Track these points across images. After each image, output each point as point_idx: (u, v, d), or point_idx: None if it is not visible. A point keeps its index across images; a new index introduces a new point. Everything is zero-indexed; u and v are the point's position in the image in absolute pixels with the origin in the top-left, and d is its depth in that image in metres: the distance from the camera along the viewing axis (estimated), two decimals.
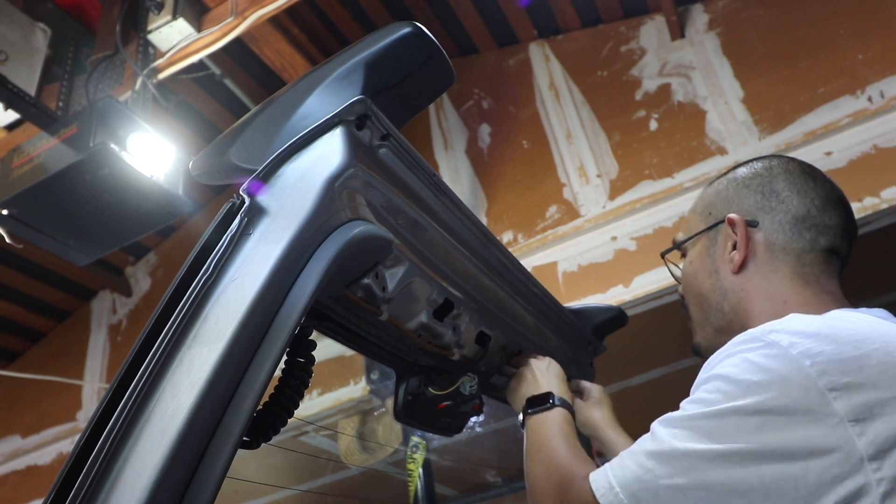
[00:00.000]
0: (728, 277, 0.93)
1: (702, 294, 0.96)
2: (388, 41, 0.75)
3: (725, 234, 0.94)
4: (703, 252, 0.97)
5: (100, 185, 2.29)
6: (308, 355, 0.76)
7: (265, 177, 0.69)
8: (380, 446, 3.47)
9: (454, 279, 0.97)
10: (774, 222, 0.91)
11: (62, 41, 2.81)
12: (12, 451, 4.20)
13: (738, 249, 0.91)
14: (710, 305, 0.95)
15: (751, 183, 0.95)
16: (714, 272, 0.95)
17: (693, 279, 0.98)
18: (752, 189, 0.94)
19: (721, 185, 0.99)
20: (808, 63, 2.99)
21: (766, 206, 0.92)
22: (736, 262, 0.91)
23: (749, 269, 0.91)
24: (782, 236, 0.90)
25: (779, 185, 0.93)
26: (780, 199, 0.92)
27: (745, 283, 0.91)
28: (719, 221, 0.95)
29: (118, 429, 0.53)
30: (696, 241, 0.99)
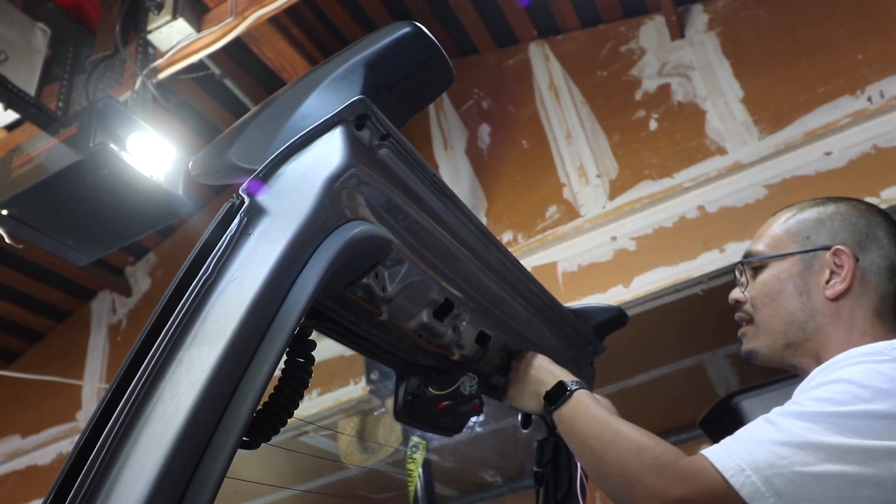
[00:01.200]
0: (820, 301, 1.01)
1: (787, 309, 1.04)
2: (387, 41, 0.75)
3: (825, 261, 1.02)
4: (796, 272, 1.04)
5: (100, 186, 2.29)
6: (308, 355, 0.76)
7: (265, 177, 0.69)
8: (380, 446, 3.47)
9: (454, 279, 0.97)
10: (873, 264, 1.01)
11: (62, 41, 2.81)
12: (12, 451, 4.20)
13: (841, 279, 1.00)
14: (793, 321, 1.03)
15: (857, 222, 1.04)
16: (805, 293, 1.03)
17: (779, 294, 1.05)
18: (858, 228, 1.04)
19: (822, 215, 1.07)
20: (807, 63, 2.99)
21: (868, 246, 1.02)
22: (837, 291, 1.00)
23: (842, 299, 1.01)
24: (876, 277, 1.01)
25: (880, 231, 1.04)
26: (881, 245, 1.02)
27: (835, 310, 1.01)
28: (820, 248, 1.03)
29: (118, 429, 0.53)
30: (784, 259, 1.06)
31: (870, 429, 0.78)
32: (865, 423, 0.78)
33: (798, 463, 0.78)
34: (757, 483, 0.78)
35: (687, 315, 2.97)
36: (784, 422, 0.82)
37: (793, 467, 0.78)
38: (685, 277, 2.85)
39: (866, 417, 0.79)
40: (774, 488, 0.77)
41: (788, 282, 1.04)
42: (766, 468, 0.78)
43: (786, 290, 1.04)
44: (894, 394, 0.80)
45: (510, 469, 4.34)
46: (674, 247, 2.95)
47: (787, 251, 1.06)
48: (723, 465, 0.81)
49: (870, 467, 0.76)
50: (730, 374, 4.30)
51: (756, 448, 0.81)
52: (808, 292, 1.03)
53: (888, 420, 0.78)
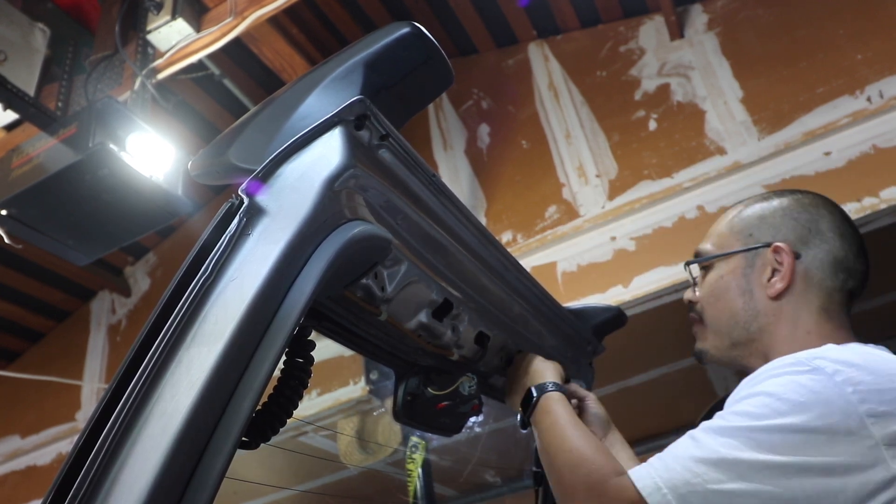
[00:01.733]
0: (762, 301, 0.99)
1: (731, 310, 1.02)
2: (387, 41, 0.75)
3: (766, 259, 1.00)
4: (738, 271, 1.02)
5: (99, 186, 2.28)
6: (307, 355, 0.76)
7: (264, 177, 0.69)
8: (379, 446, 3.47)
9: (453, 279, 0.97)
10: (816, 259, 0.98)
11: (61, 41, 2.81)
12: (11, 452, 4.20)
13: (780, 278, 0.98)
14: (736, 322, 1.01)
15: (799, 216, 1.01)
16: (748, 292, 1.00)
17: (723, 293, 1.03)
18: (800, 223, 1.00)
19: (765, 211, 1.04)
20: (807, 63, 2.99)
21: (811, 241, 0.99)
22: (777, 290, 0.97)
23: (784, 297, 0.98)
24: (820, 273, 0.98)
25: (823, 224, 1.00)
26: (824, 239, 0.99)
27: (777, 309, 0.98)
28: (761, 245, 1.01)
29: (117, 429, 0.53)
30: (728, 258, 1.04)
31: (784, 444, 0.76)
32: (780, 438, 0.77)
33: (712, 480, 0.77)
34: (672, 502, 0.78)
35: (686, 315, 2.97)
36: (704, 438, 0.82)
37: (707, 485, 0.77)
38: (685, 278, 2.83)
39: (781, 431, 0.77)
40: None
41: (731, 281, 1.03)
42: (682, 486, 0.78)
43: (729, 290, 1.03)
44: (811, 407, 0.77)
45: (510, 469, 4.34)
46: (673, 247, 2.95)
47: (730, 249, 1.04)
48: (641, 484, 0.81)
49: (781, 484, 0.75)
50: (729, 374, 4.29)
51: (674, 465, 0.81)
52: (751, 291, 1.00)
53: (803, 434, 0.76)
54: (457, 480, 4.52)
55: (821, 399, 0.78)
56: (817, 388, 0.79)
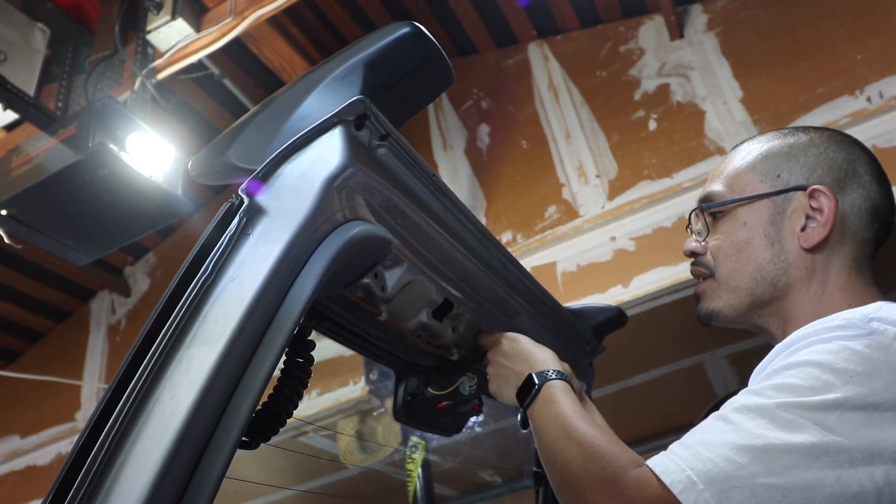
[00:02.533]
0: (794, 251, 0.86)
1: (754, 262, 0.88)
2: (387, 41, 0.75)
3: (798, 203, 0.86)
4: (766, 217, 0.88)
5: (99, 186, 2.29)
6: (307, 355, 0.76)
7: (264, 177, 0.69)
8: (379, 446, 3.47)
9: (453, 279, 0.97)
10: (854, 205, 0.85)
11: (61, 41, 2.81)
12: (11, 452, 4.20)
13: (821, 224, 0.84)
14: (762, 276, 0.87)
15: (835, 156, 0.87)
16: (777, 242, 0.87)
17: (746, 244, 0.89)
18: (836, 163, 0.87)
19: (794, 148, 0.90)
20: (806, 63, 2.99)
21: (848, 185, 0.86)
22: (814, 239, 0.84)
23: (820, 248, 0.85)
24: (857, 221, 0.85)
25: (861, 167, 0.87)
26: (861, 184, 0.86)
27: (810, 261, 0.85)
28: (794, 188, 0.87)
29: (117, 429, 0.53)
30: (751, 203, 0.89)
31: (844, 423, 0.63)
32: (837, 417, 0.63)
33: (760, 472, 0.62)
34: (711, 500, 0.63)
35: (686, 315, 2.97)
36: (741, 419, 0.67)
37: (755, 479, 0.62)
38: (685, 277, 2.85)
39: (839, 408, 0.64)
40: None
41: (757, 229, 0.88)
42: (722, 480, 0.63)
43: (754, 240, 0.88)
44: (871, 377, 0.65)
45: (510, 469, 4.34)
46: (673, 247, 2.95)
47: (754, 193, 0.89)
48: (670, 478, 0.66)
49: (846, 473, 0.61)
50: (729, 374, 4.30)
51: (709, 455, 0.65)
52: (780, 241, 0.87)
53: (865, 412, 0.63)
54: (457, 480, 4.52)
55: (882, 368, 0.65)
56: (878, 355, 0.66)
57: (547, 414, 0.88)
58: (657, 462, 0.69)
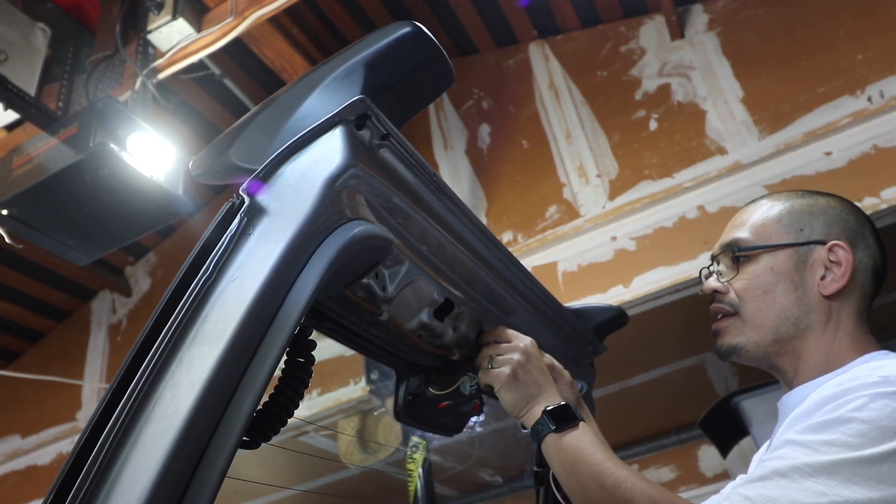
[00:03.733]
0: (815, 297, 0.97)
1: (780, 304, 0.98)
2: (387, 41, 0.75)
3: (818, 256, 0.98)
4: (790, 265, 0.99)
5: (100, 186, 2.29)
6: (308, 355, 0.76)
7: (265, 177, 0.69)
8: (380, 446, 3.47)
9: (454, 279, 0.97)
10: (861, 262, 0.98)
11: (62, 41, 2.81)
12: (12, 451, 4.20)
13: (841, 275, 0.96)
14: (787, 317, 0.98)
15: (849, 218, 1.01)
16: (800, 287, 0.98)
17: (772, 287, 0.99)
18: (849, 224, 1.00)
19: (815, 208, 1.02)
20: (807, 63, 2.99)
21: (858, 245, 0.99)
22: (834, 288, 0.96)
23: (836, 297, 0.97)
24: (863, 276, 0.98)
25: (867, 230, 1.01)
26: (867, 245, 1.00)
27: (828, 308, 0.97)
28: (815, 241, 0.99)
29: (118, 429, 0.53)
30: (776, 251, 1.00)
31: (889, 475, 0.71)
32: (887, 469, 0.71)
33: None
34: None
35: (687, 315, 2.98)
36: (801, 477, 0.73)
37: None
38: (685, 277, 2.86)
39: (887, 460, 0.71)
40: None
41: (783, 275, 0.99)
42: None
43: (780, 284, 0.98)
44: None
45: (510, 469, 4.34)
46: (674, 247, 2.95)
47: (780, 242, 1.00)
48: None
49: None
50: (730, 374, 4.30)
51: None
52: (804, 287, 0.98)
53: None
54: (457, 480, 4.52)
55: None
56: None
57: (565, 455, 0.93)
58: None
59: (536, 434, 0.98)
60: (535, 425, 0.98)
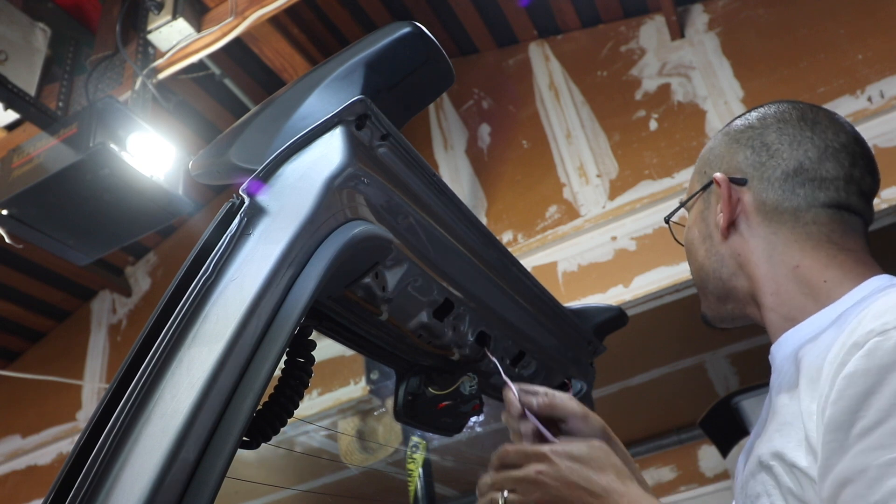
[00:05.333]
0: (720, 242, 0.85)
1: (698, 261, 0.88)
2: (387, 41, 0.75)
3: (717, 195, 0.85)
4: (698, 216, 0.89)
5: (100, 185, 2.29)
6: (308, 355, 0.76)
7: (265, 177, 0.69)
8: (380, 446, 3.47)
9: (454, 279, 0.97)
10: (763, 180, 0.82)
11: (62, 41, 2.81)
12: (12, 451, 4.20)
13: (722, 209, 0.83)
14: (707, 273, 0.87)
15: (741, 136, 0.86)
16: (708, 237, 0.87)
17: (690, 244, 0.90)
18: (742, 143, 0.85)
19: (715, 141, 0.90)
20: (807, 63, 2.99)
21: (757, 161, 0.83)
22: (720, 226, 0.83)
23: (742, 232, 0.83)
24: (773, 194, 0.81)
25: (770, 136, 0.83)
26: (771, 154, 0.82)
27: (740, 247, 0.83)
28: (709, 182, 0.87)
29: (118, 429, 0.53)
30: (693, 204, 0.90)
31: None
32: None
33: None
34: None
35: (687, 315, 2.97)
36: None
37: None
38: (685, 277, 2.86)
39: None
40: None
41: (693, 229, 0.89)
42: None
43: (695, 240, 0.89)
44: None
45: None
46: (674, 247, 2.93)
47: (690, 195, 0.90)
48: None
49: None
50: (730, 374, 4.30)
51: None
52: (710, 236, 0.86)
53: None
54: (457, 480, 4.52)
55: None
56: None
57: None
58: None
59: None
60: None
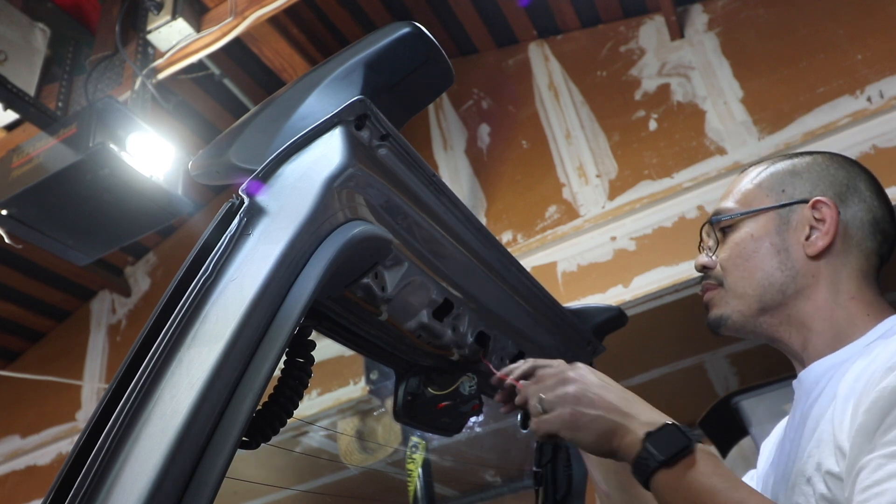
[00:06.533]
0: (801, 259, 0.90)
1: (764, 270, 0.91)
2: (387, 41, 0.75)
3: (802, 216, 0.91)
4: (772, 228, 0.93)
5: (99, 185, 2.29)
6: (307, 355, 0.76)
7: (264, 177, 0.69)
8: (379, 446, 3.47)
9: (454, 279, 0.97)
10: (855, 218, 0.91)
11: (62, 41, 2.81)
12: (12, 451, 4.20)
13: (824, 233, 0.89)
14: (771, 283, 0.91)
15: (836, 173, 0.93)
16: (784, 251, 0.91)
17: (753, 253, 0.93)
18: (838, 179, 0.93)
19: (798, 167, 0.96)
20: (807, 63, 2.99)
21: (849, 199, 0.91)
22: (818, 247, 0.89)
23: (824, 257, 0.89)
24: (860, 232, 0.90)
25: (861, 183, 0.93)
26: (862, 198, 0.92)
27: (816, 269, 0.89)
28: (798, 201, 0.92)
29: (117, 429, 0.53)
30: (757, 216, 0.94)
31: None
32: None
33: None
34: None
35: (687, 315, 2.98)
36: None
37: None
38: (685, 277, 2.86)
39: None
40: None
41: (764, 240, 0.92)
42: None
43: (761, 250, 0.92)
44: None
45: (510, 469, 4.34)
46: (674, 247, 2.95)
47: (760, 206, 0.94)
48: None
49: None
50: (730, 374, 4.30)
51: None
52: (787, 250, 0.91)
53: None
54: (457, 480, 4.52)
55: None
56: None
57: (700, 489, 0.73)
58: None
59: (641, 472, 0.78)
60: (637, 460, 0.79)
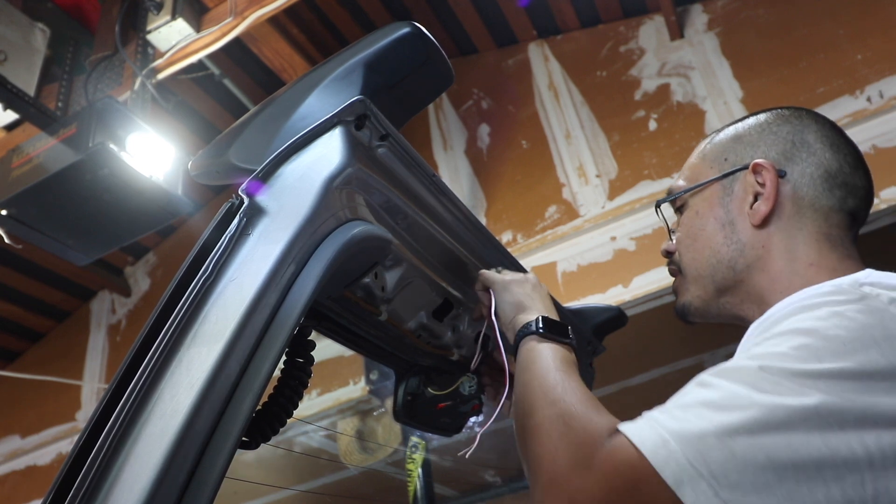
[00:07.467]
0: (747, 231, 0.83)
1: (711, 248, 0.86)
2: (387, 41, 0.75)
3: (746, 182, 0.84)
4: (716, 201, 0.86)
5: (99, 186, 2.29)
6: (307, 355, 0.76)
7: (264, 177, 0.69)
8: (379, 446, 3.47)
9: (453, 279, 0.97)
10: (805, 175, 0.82)
11: (61, 41, 2.81)
12: (12, 451, 4.20)
13: (764, 199, 0.82)
14: (719, 260, 0.85)
15: (779, 130, 0.86)
16: (729, 224, 0.84)
17: (699, 231, 0.87)
18: (781, 136, 0.85)
19: (740, 130, 0.89)
20: (807, 63, 2.99)
21: (796, 156, 0.83)
22: (761, 214, 0.81)
23: (772, 223, 0.82)
24: (811, 191, 0.82)
25: (809, 136, 0.84)
26: (812, 151, 0.83)
27: (766, 239, 0.82)
28: (738, 168, 0.85)
29: (117, 429, 0.53)
30: (702, 190, 0.88)
31: (834, 389, 0.57)
32: (830, 385, 0.57)
33: (741, 431, 0.55)
34: (684, 460, 0.55)
35: None
36: (720, 381, 0.61)
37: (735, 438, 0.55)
38: None
39: (830, 378, 0.57)
40: (709, 466, 0.54)
41: (708, 215, 0.86)
42: (698, 440, 0.56)
43: (707, 226, 0.86)
44: (866, 344, 0.59)
45: (510, 469, 4.34)
46: None
47: (703, 180, 0.88)
48: (639, 437, 0.58)
49: (834, 437, 0.55)
50: None
51: (683, 415, 0.59)
52: (732, 223, 0.84)
53: (859, 381, 0.57)
54: (457, 480, 4.52)
55: (878, 334, 0.60)
56: (871, 321, 0.61)
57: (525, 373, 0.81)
58: (630, 425, 0.62)
59: (521, 333, 0.87)
60: (524, 326, 0.87)
